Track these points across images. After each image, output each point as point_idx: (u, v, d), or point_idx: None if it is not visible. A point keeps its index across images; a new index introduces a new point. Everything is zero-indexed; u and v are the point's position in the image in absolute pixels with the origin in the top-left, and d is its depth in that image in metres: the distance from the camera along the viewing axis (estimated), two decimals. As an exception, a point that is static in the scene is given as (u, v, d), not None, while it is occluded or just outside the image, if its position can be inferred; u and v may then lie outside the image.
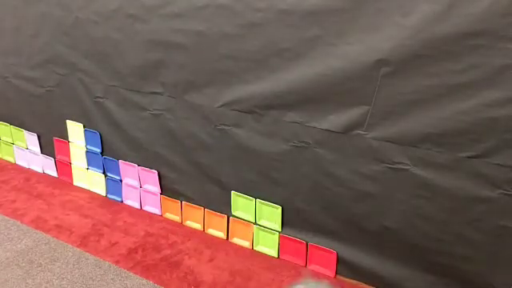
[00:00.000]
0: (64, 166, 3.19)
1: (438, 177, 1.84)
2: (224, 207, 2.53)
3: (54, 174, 3.28)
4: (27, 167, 3.42)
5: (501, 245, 1.80)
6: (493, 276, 1.86)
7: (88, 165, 3.04)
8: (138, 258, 2.32)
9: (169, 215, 2.77)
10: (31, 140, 3.31)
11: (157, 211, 2.81)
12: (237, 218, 2.49)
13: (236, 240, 2.52)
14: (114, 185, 2.95)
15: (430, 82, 1.75)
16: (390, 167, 1.94)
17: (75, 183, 3.17)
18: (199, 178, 2.56)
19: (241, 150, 2.33)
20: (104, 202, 2.95)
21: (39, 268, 2.20)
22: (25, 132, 3.33)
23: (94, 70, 2.74)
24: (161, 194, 2.77)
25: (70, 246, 2.40)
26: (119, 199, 2.95)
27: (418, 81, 1.77)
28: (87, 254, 2.34)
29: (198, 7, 2.20)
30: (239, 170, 2.39)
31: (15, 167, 3.44)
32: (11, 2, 2.95)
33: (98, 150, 2.93)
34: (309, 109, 2.06)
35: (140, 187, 2.84)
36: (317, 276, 2.23)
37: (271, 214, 2.36)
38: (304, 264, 2.33)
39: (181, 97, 2.44)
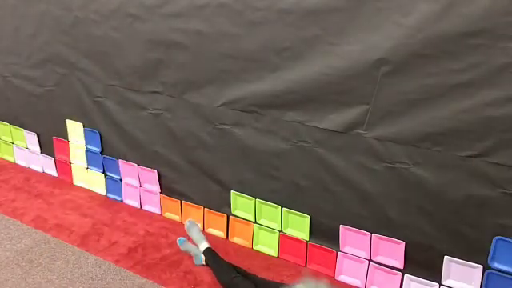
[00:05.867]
0: (64, 166, 3.19)
1: (437, 176, 1.84)
2: (224, 206, 2.53)
3: (54, 173, 3.28)
4: (27, 167, 3.41)
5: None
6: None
7: (88, 164, 3.04)
8: (137, 258, 2.32)
9: (168, 214, 2.77)
10: (31, 139, 3.31)
11: (156, 210, 2.81)
12: (237, 217, 2.49)
13: (236, 239, 2.52)
14: (114, 184, 2.95)
15: (430, 82, 1.75)
16: (389, 166, 1.94)
17: (75, 183, 3.17)
18: (199, 178, 2.56)
19: (241, 150, 2.33)
20: (104, 201, 2.95)
21: (39, 267, 2.20)
22: (24, 131, 3.32)
23: (93, 70, 2.74)
24: (160, 193, 2.77)
25: (69, 245, 2.40)
26: (119, 198, 2.95)
27: (417, 80, 1.77)
28: (87, 253, 2.34)
29: (198, 6, 2.20)
30: (239, 169, 2.39)
31: (15, 167, 3.43)
32: (11, 2, 2.95)
33: (98, 150, 2.93)
34: (309, 108, 2.06)
35: (140, 186, 2.84)
36: (316, 275, 2.23)
37: (271, 214, 2.36)
38: (304, 263, 2.33)
39: (180, 96, 2.44)
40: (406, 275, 2.04)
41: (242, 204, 2.46)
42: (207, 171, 2.52)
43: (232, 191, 2.45)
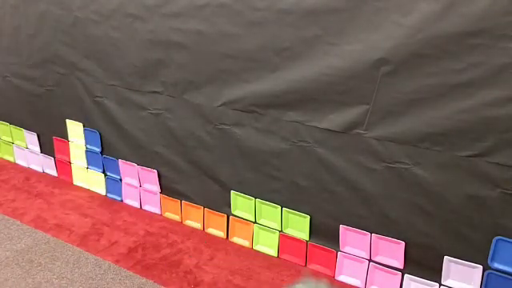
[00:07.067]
0: (64, 166, 3.19)
1: (437, 176, 1.84)
2: (224, 206, 2.53)
3: (54, 173, 3.28)
4: (27, 166, 3.42)
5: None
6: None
7: (88, 164, 3.04)
8: (137, 258, 2.32)
9: (168, 214, 2.77)
10: (31, 139, 3.31)
11: (156, 210, 2.81)
12: (237, 217, 2.49)
13: (236, 239, 2.52)
14: (114, 184, 2.95)
15: (430, 81, 1.75)
16: (389, 166, 1.94)
17: (75, 182, 3.17)
18: (199, 178, 2.56)
19: (241, 150, 2.33)
20: (104, 201, 2.95)
21: (39, 267, 2.20)
22: (24, 131, 3.32)
23: (93, 70, 2.74)
24: (160, 193, 2.77)
25: (69, 245, 2.40)
26: (119, 198, 2.95)
27: (417, 80, 1.77)
28: (87, 253, 2.34)
29: (198, 6, 2.20)
30: (239, 169, 2.39)
31: (15, 166, 3.43)
32: (11, 2, 2.95)
33: (98, 150, 2.93)
34: (309, 108, 2.07)
35: (140, 186, 2.84)
36: (316, 275, 2.23)
37: (271, 214, 2.36)
38: (304, 263, 2.33)
39: (180, 96, 2.44)
40: (406, 275, 2.04)
41: (242, 204, 2.46)
42: (207, 171, 2.52)
43: (232, 191, 2.45)
